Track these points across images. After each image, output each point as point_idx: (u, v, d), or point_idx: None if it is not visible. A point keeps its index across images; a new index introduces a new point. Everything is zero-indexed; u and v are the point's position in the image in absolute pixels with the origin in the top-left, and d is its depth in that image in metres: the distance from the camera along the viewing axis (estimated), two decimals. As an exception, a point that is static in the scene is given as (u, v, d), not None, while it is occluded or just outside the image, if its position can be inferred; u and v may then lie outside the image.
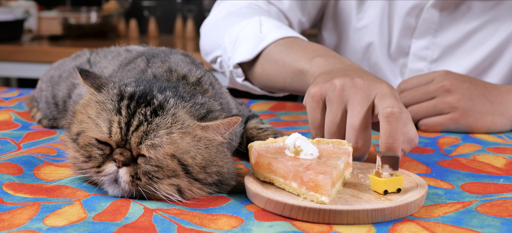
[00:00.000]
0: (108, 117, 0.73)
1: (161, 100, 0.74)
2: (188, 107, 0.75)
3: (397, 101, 0.85)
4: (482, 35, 1.34)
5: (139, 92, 0.75)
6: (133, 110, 0.73)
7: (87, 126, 0.75)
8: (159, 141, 0.71)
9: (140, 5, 3.52)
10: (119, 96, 0.75)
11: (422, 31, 1.35)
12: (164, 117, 0.72)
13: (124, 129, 0.72)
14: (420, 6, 1.34)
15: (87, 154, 0.75)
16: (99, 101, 0.75)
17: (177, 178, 0.73)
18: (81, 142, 0.76)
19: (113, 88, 0.77)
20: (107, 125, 0.73)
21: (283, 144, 0.80)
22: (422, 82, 1.16)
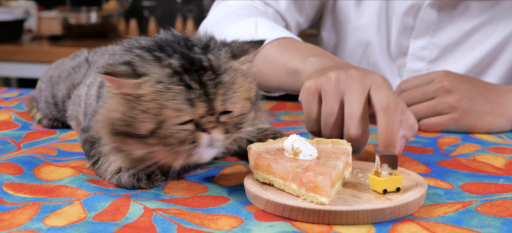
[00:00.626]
0: (184, 98, 0.73)
1: (209, 59, 0.76)
2: (224, 52, 0.78)
3: (392, 92, 0.85)
4: (481, 35, 1.34)
5: (186, 62, 0.75)
6: (199, 81, 0.74)
7: (166, 116, 0.73)
8: (237, 95, 0.77)
9: (140, 5, 3.52)
10: (173, 74, 0.73)
11: (420, 31, 1.35)
12: (225, 72, 0.76)
13: (205, 100, 0.74)
14: (417, 6, 1.34)
15: (179, 138, 0.74)
16: (158, 89, 0.73)
17: (249, 113, 0.80)
18: (162, 133, 0.73)
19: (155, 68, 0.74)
20: (189, 105, 0.73)
21: (282, 145, 0.80)
22: (422, 83, 1.16)
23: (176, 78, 0.73)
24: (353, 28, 1.45)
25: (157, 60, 0.75)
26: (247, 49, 0.80)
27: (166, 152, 0.76)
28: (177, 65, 0.74)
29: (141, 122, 0.74)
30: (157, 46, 0.78)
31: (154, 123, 0.73)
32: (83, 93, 1.06)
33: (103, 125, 0.78)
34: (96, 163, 0.86)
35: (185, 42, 0.79)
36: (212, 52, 0.77)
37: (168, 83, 0.73)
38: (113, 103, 0.76)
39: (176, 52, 0.76)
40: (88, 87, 1.06)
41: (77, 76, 1.12)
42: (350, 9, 1.45)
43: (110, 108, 0.76)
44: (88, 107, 1.03)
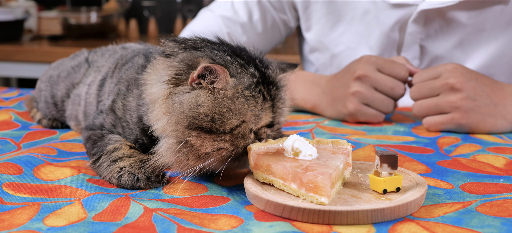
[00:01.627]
0: (262, 107, 0.80)
1: (271, 75, 0.82)
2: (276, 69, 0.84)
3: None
4: (471, 47, 1.34)
5: (261, 74, 0.80)
6: (270, 94, 0.81)
7: (247, 118, 0.79)
8: (286, 110, 0.85)
9: (140, 5, 3.52)
10: (257, 84, 0.80)
11: (409, 44, 1.36)
12: (282, 89, 0.83)
13: (272, 112, 0.81)
14: (403, 21, 1.35)
15: (248, 142, 0.80)
16: (246, 94, 0.78)
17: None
18: (239, 133, 0.79)
19: (244, 75, 0.79)
20: (264, 114, 0.80)
21: (282, 145, 0.80)
22: (430, 77, 1.16)
23: (258, 88, 0.79)
24: (333, 55, 1.47)
25: (242, 67, 0.80)
26: (285, 68, 0.87)
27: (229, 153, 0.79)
28: (258, 76, 0.80)
29: (227, 119, 0.77)
30: (232, 51, 0.82)
31: (238, 121, 0.78)
32: (83, 92, 1.06)
33: (181, 118, 0.78)
34: (97, 162, 0.86)
35: (247, 52, 0.84)
36: (270, 68, 0.83)
37: (254, 91, 0.79)
38: (200, 99, 0.77)
39: (251, 62, 0.81)
40: (88, 87, 1.06)
41: (77, 76, 1.12)
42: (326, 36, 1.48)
43: (195, 103, 0.77)
44: (88, 106, 1.03)
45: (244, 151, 0.79)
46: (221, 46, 0.83)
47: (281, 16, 1.52)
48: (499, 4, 1.28)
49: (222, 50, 0.81)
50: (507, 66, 1.33)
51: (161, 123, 0.80)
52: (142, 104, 0.86)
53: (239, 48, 0.84)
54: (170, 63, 0.80)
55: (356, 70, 1.19)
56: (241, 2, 1.50)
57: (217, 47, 0.82)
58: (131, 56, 1.00)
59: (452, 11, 1.30)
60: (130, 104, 0.88)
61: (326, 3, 1.44)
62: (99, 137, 0.89)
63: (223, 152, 0.78)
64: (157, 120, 0.80)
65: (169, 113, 0.78)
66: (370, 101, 1.19)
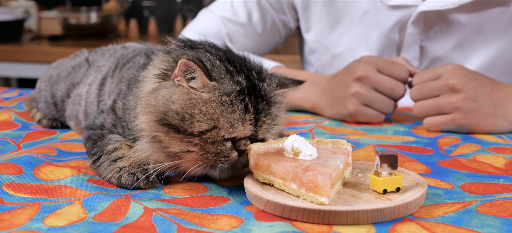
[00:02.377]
0: (241, 117, 0.77)
1: (265, 89, 0.80)
2: (273, 83, 0.82)
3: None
4: (470, 49, 1.34)
5: (249, 85, 0.79)
6: (255, 106, 0.79)
7: (220, 125, 0.77)
8: (276, 127, 0.82)
9: (140, 5, 3.52)
10: (240, 93, 0.78)
11: (409, 44, 1.36)
12: (274, 105, 0.81)
13: (253, 124, 0.79)
14: (402, 22, 1.35)
15: (218, 149, 0.78)
16: (224, 100, 0.77)
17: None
18: (209, 138, 0.77)
19: (227, 81, 0.78)
20: (242, 124, 0.78)
21: (282, 145, 0.80)
22: (431, 77, 1.16)
23: (241, 97, 0.77)
24: (332, 57, 1.47)
25: (229, 73, 0.78)
26: (287, 84, 0.85)
27: (199, 156, 0.78)
28: (244, 85, 0.78)
29: (197, 121, 0.76)
30: (226, 57, 0.81)
31: (209, 126, 0.76)
32: (84, 92, 1.06)
33: (152, 111, 0.78)
34: (97, 161, 0.86)
35: (244, 62, 0.82)
36: (266, 82, 0.81)
37: (234, 99, 0.77)
38: (174, 95, 0.77)
39: (242, 71, 0.80)
40: (89, 86, 1.06)
41: (77, 76, 1.12)
42: (325, 37, 1.48)
43: (168, 98, 0.77)
44: (89, 106, 1.03)
45: (218, 158, 0.78)
46: (217, 51, 0.83)
47: (280, 17, 1.52)
48: (499, 6, 1.28)
49: (215, 54, 0.81)
50: (506, 68, 1.33)
51: (140, 119, 0.80)
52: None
53: (236, 56, 0.83)
54: (165, 58, 0.80)
55: (356, 71, 1.19)
56: (241, 2, 1.50)
57: (212, 50, 0.82)
58: (132, 55, 1.00)
59: (452, 12, 1.30)
60: (130, 103, 0.88)
61: (325, 4, 1.44)
62: (100, 136, 0.89)
63: (192, 154, 0.78)
64: (139, 115, 0.81)
65: (146, 107, 0.79)
66: (370, 102, 1.19)
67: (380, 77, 1.18)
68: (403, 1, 1.34)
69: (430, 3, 1.30)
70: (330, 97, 1.24)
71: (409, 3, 1.33)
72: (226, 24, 1.48)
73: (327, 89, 1.26)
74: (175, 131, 0.77)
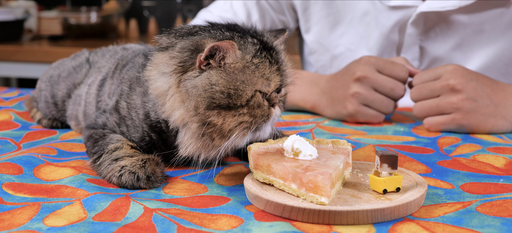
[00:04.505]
0: (270, 70, 0.82)
1: (271, 40, 0.85)
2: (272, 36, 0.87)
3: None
4: (470, 49, 1.34)
5: (260, 42, 0.82)
6: (274, 58, 0.83)
7: (259, 86, 0.80)
8: (290, 71, 0.87)
9: (140, 5, 3.52)
10: (261, 50, 0.82)
11: (409, 44, 1.36)
12: (281, 52, 0.86)
13: (279, 75, 0.83)
14: (402, 22, 1.35)
15: (265, 111, 0.81)
16: (255, 62, 0.80)
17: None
18: (255, 102, 0.80)
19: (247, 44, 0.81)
20: (273, 77, 0.82)
21: (282, 145, 0.80)
22: (431, 78, 1.16)
23: (263, 53, 0.81)
24: (332, 57, 1.47)
25: (243, 38, 0.82)
26: (276, 35, 0.89)
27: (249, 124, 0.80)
28: (260, 43, 0.82)
29: (242, 91, 0.79)
30: (226, 28, 0.84)
31: (252, 91, 0.79)
32: (84, 92, 1.06)
33: (200, 100, 0.79)
34: (97, 160, 0.86)
35: (238, 26, 0.86)
36: (265, 35, 0.85)
37: (260, 57, 0.81)
38: (213, 78, 0.79)
39: (246, 33, 0.83)
40: (89, 87, 1.06)
41: (78, 76, 1.12)
42: (325, 38, 1.47)
43: (208, 83, 0.79)
44: (88, 106, 1.03)
45: (262, 120, 0.81)
46: (215, 26, 0.84)
47: (280, 17, 1.52)
48: (499, 6, 1.28)
49: (218, 28, 0.83)
50: (506, 68, 1.33)
51: (179, 112, 0.81)
52: (147, 101, 0.86)
53: (231, 24, 0.86)
54: (170, 54, 0.80)
55: (356, 72, 1.19)
56: (240, 2, 1.50)
57: (212, 28, 0.84)
58: (131, 57, 1.01)
59: (452, 13, 1.30)
60: (135, 102, 0.88)
61: (325, 4, 1.44)
62: (101, 136, 0.89)
63: (243, 125, 0.80)
64: (173, 110, 0.81)
65: (185, 100, 0.80)
66: (370, 102, 1.19)
67: (379, 78, 1.18)
68: (403, 2, 1.34)
69: (430, 4, 1.30)
70: (330, 98, 1.24)
71: (408, 4, 1.33)
72: None
73: (327, 90, 1.26)
74: (225, 109, 0.79)
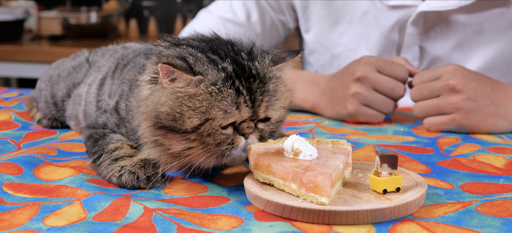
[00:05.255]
0: (233, 101, 0.77)
1: (256, 67, 0.80)
2: (266, 60, 0.82)
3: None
4: (470, 49, 1.34)
5: (237, 68, 0.78)
6: (248, 87, 0.78)
7: (212, 115, 0.76)
8: (278, 102, 0.81)
9: (140, 5, 3.52)
10: (227, 78, 0.77)
11: (408, 44, 1.36)
12: (270, 81, 0.80)
13: (250, 105, 0.78)
14: (402, 22, 1.35)
15: (217, 140, 0.78)
16: (211, 90, 0.76)
17: (282, 121, 0.85)
18: (205, 131, 0.77)
19: (211, 71, 0.77)
20: (236, 108, 0.77)
21: (282, 145, 0.80)
22: (431, 78, 1.16)
23: (229, 82, 0.77)
24: (332, 57, 1.47)
25: (212, 63, 0.78)
26: (284, 57, 0.84)
27: (202, 151, 0.78)
28: (231, 70, 0.77)
29: (187, 118, 0.76)
30: (209, 47, 0.81)
31: (200, 120, 0.76)
32: (84, 92, 1.06)
33: (147, 117, 0.79)
34: (97, 160, 0.86)
35: (232, 46, 0.82)
36: (257, 60, 0.80)
37: (222, 86, 0.76)
38: (162, 98, 0.78)
39: (227, 56, 0.79)
40: (89, 86, 1.06)
41: (78, 76, 1.12)
42: (325, 37, 1.47)
43: (158, 102, 0.78)
44: (88, 105, 1.03)
45: (222, 147, 0.78)
46: (200, 42, 0.82)
47: (279, 17, 1.52)
48: (499, 6, 1.28)
49: (197, 46, 0.81)
50: (506, 68, 1.33)
51: (141, 127, 0.81)
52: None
53: (222, 43, 0.83)
54: (153, 63, 0.80)
55: (356, 72, 1.19)
56: (240, 2, 1.50)
57: (195, 43, 0.82)
58: (132, 56, 1.00)
59: (452, 13, 1.30)
60: (132, 104, 0.88)
61: (325, 4, 1.44)
62: (101, 135, 0.89)
63: (195, 150, 0.78)
64: (139, 124, 0.82)
65: (141, 114, 0.80)
66: (370, 102, 1.19)
67: (379, 78, 1.18)
68: (403, 1, 1.33)
69: (430, 4, 1.30)
70: (330, 98, 1.24)
71: (408, 3, 1.33)
72: (225, 24, 1.48)
73: (327, 90, 1.26)
74: (171, 132, 0.77)
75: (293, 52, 0.85)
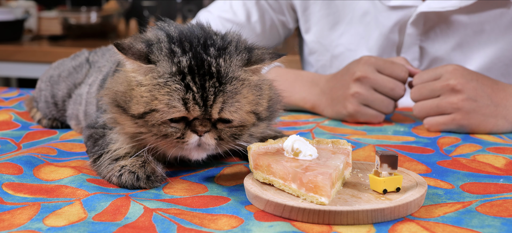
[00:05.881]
0: (181, 96, 0.75)
1: (218, 65, 0.77)
2: (235, 59, 0.78)
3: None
4: (470, 50, 1.34)
5: (194, 64, 0.76)
6: (202, 84, 0.75)
7: (157, 107, 0.75)
8: (238, 105, 0.77)
9: (140, 5, 3.52)
10: (177, 73, 0.75)
11: (409, 45, 1.36)
12: (230, 81, 0.76)
13: (201, 103, 0.75)
14: (402, 22, 1.35)
15: (163, 132, 0.77)
16: (157, 82, 0.75)
17: (253, 127, 0.81)
18: (150, 121, 0.76)
19: (165, 62, 0.76)
20: (183, 104, 0.75)
21: (282, 145, 0.80)
22: (431, 78, 1.16)
23: (178, 77, 0.75)
24: (332, 57, 1.47)
25: (170, 54, 0.77)
26: (263, 59, 0.81)
27: (153, 138, 0.78)
28: (184, 65, 0.76)
29: (135, 103, 0.77)
30: (178, 38, 0.79)
31: (145, 109, 0.76)
32: (85, 92, 1.06)
33: (108, 93, 0.81)
34: (97, 160, 0.86)
35: (206, 39, 0.80)
36: (224, 57, 0.78)
37: (169, 80, 0.75)
38: (120, 77, 0.79)
39: (191, 50, 0.77)
40: (90, 86, 1.06)
41: (78, 76, 1.12)
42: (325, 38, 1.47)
43: (117, 80, 0.80)
44: (88, 105, 1.03)
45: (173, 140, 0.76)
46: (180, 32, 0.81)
47: (279, 17, 1.52)
48: (499, 7, 1.28)
49: (173, 36, 0.80)
50: (506, 68, 1.33)
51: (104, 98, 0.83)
52: None
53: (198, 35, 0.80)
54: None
55: (356, 71, 1.19)
56: (240, 3, 1.50)
57: (175, 32, 0.81)
58: None
59: (452, 13, 1.30)
60: None
61: (325, 4, 1.44)
62: (101, 135, 0.89)
63: (145, 136, 0.78)
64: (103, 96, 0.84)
65: (106, 89, 0.82)
66: (370, 102, 1.19)
67: (379, 78, 1.18)
68: (403, 2, 1.34)
69: (430, 4, 1.30)
70: (330, 98, 1.24)
71: (408, 4, 1.33)
72: (224, 25, 1.48)
73: (327, 90, 1.26)
74: (124, 113, 0.78)
75: (275, 55, 0.82)
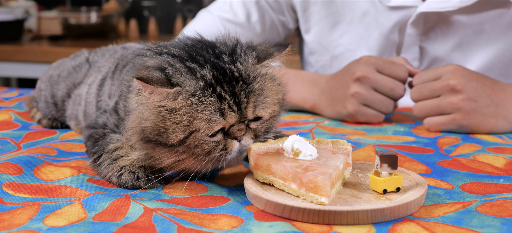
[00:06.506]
0: (216, 108, 0.75)
1: (239, 69, 0.77)
2: (251, 58, 0.79)
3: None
4: (470, 50, 1.34)
5: (217, 74, 0.76)
6: (231, 91, 0.76)
7: (198, 127, 0.74)
8: (268, 100, 0.79)
9: (140, 5, 3.52)
10: (207, 86, 0.75)
11: (409, 45, 1.36)
12: (255, 80, 0.78)
13: (236, 109, 0.76)
14: (402, 23, 1.35)
15: (206, 150, 0.76)
16: (191, 102, 0.74)
17: (279, 116, 0.83)
18: (192, 143, 0.75)
19: (189, 81, 0.75)
20: (220, 115, 0.75)
21: (282, 145, 0.80)
22: (431, 78, 1.16)
23: (209, 90, 0.74)
24: (332, 57, 1.47)
25: (190, 72, 0.75)
26: (272, 53, 0.82)
27: (194, 161, 0.77)
28: (210, 77, 0.75)
29: (172, 133, 0.75)
30: (188, 55, 0.78)
31: (185, 133, 0.74)
32: (84, 92, 1.07)
33: (134, 132, 0.78)
34: (97, 160, 0.86)
35: (213, 49, 0.79)
36: (240, 60, 0.78)
37: (202, 95, 0.74)
38: (145, 112, 0.76)
39: (207, 62, 0.77)
40: (89, 87, 1.06)
41: (78, 76, 1.12)
42: (325, 38, 1.47)
43: (141, 116, 0.76)
44: (88, 106, 1.03)
45: (215, 154, 0.76)
46: (181, 50, 0.79)
47: (279, 17, 1.52)
48: (499, 7, 1.28)
49: (178, 55, 0.78)
50: (506, 69, 1.33)
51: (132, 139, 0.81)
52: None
53: (202, 47, 0.80)
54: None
55: (356, 71, 1.19)
56: (240, 3, 1.50)
57: (176, 52, 0.79)
58: (131, 57, 1.00)
59: (452, 13, 1.30)
60: (130, 106, 0.88)
61: (325, 4, 1.44)
62: (101, 135, 0.89)
63: (186, 161, 0.77)
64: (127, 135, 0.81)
65: (129, 128, 0.80)
66: (370, 102, 1.19)
67: (379, 77, 1.18)
68: (403, 2, 1.34)
69: (430, 4, 1.30)
70: (330, 98, 1.25)
71: (408, 4, 1.33)
72: (224, 25, 1.48)
73: (327, 89, 1.26)
74: (159, 146, 0.76)
75: (281, 46, 0.83)
